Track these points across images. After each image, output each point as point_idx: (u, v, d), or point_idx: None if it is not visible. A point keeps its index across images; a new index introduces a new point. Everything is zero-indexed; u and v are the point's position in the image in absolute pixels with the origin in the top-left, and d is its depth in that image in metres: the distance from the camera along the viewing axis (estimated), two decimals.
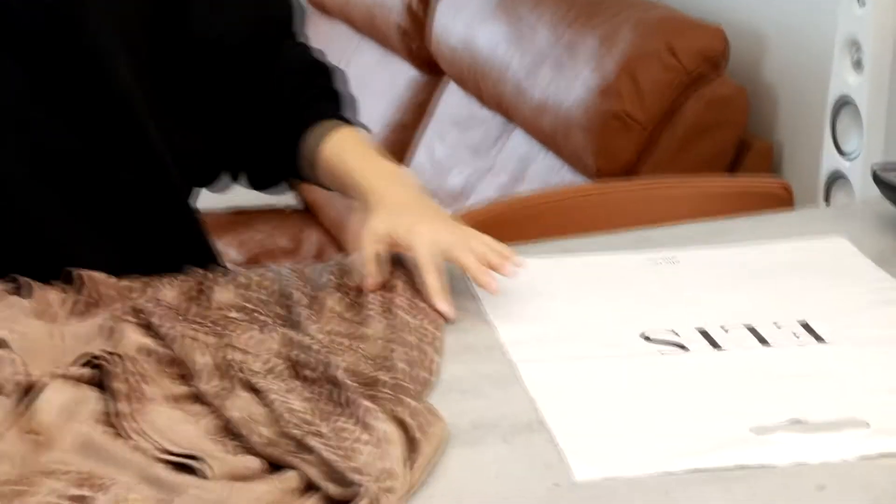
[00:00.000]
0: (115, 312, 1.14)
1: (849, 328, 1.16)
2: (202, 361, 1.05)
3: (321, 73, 1.39)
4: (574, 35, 2.35)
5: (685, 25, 2.26)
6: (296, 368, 1.05)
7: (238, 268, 1.27)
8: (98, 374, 1.01)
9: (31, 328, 1.10)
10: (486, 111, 2.68)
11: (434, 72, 2.96)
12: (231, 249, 2.87)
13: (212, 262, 1.35)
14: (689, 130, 2.21)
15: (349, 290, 1.21)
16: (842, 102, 1.98)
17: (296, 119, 1.34)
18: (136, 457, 0.92)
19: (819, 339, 1.14)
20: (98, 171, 1.27)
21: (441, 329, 1.15)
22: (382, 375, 1.02)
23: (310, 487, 0.89)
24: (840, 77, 1.98)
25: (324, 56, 1.42)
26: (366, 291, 1.19)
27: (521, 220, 1.67)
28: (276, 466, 0.91)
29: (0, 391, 0.99)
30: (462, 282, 1.23)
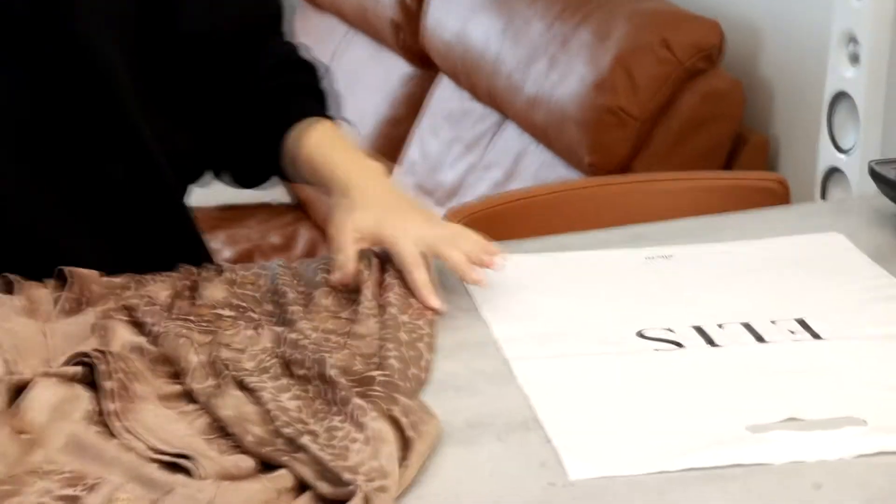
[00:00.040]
0: (106, 310, 1.14)
1: (845, 325, 1.16)
2: (194, 360, 1.04)
3: (306, 71, 1.39)
4: (568, 28, 2.34)
5: (680, 18, 2.26)
6: (288, 367, 1.05)
7: (229, 265, 1.27)
8: (90, 373, 1.00)
9: (21, 326, 1.10)
10: (480, 106, 2.67)
11: (427, 66, 2.95)
12: (222, 246, 2.86)
13: (205, 261, 1.34)
14: (685, 125, 2.20)
15: (341, 288, 1.20)
16: (838, 96, 1.97)
17: (279, 116, 1.33)
18: (127, 456, 0.92)
19: (815, 336, 1.14)
20: (90, 168, 1.27)
21: (434, 327, 1.15)
22: (375, 373, 1.01)
23: (302, 487, 0.89)
24: (836, 71, 1.97)
25: (310, 53, 1.41)
26: (352, 288, 1.18)
27: (515, 217, 1.67)
28: (269, 466, 0.91)
29: None
30: (455, 278, 1.22)
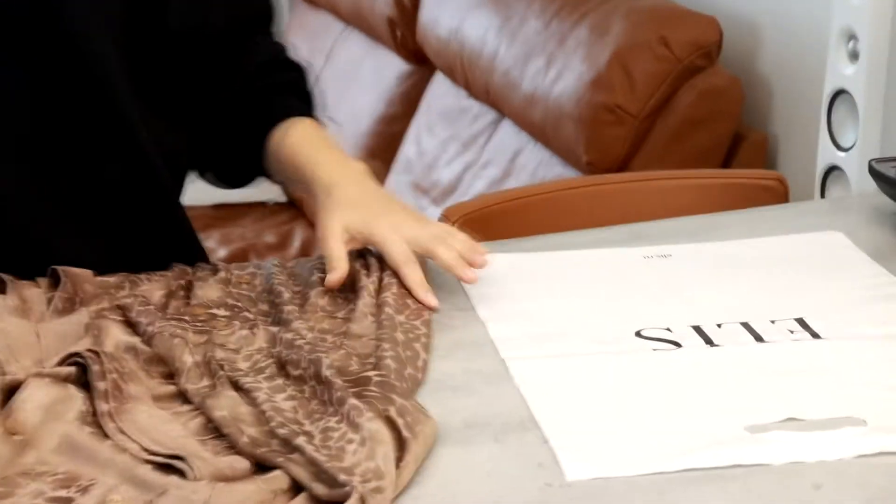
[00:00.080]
0: (100, 310, 1.13)
1: (845, 324, 1.15)
2: (188, 360, 1.04)
3: (292, 71, 1.39)
4: (564, 25, 2.34)
5: (678, 15, 2.25)
6: (283, 367, 1.04)
7: (224, 264, 1.26)
8: (84, 373, 1.00)
9: (14, 326, 1.09)
10: (476, 103, 2.67)
11: (422, 63, 2.95)
12: (216, 245, 2.85)
13: (199, 260, 1.33)
14: (683, 122, 2.19)
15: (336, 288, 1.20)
16: (838, 94, 1.97)
17: (263, 115, 1.33)
18: (121, 457, 0.91)
19: (815, 336, 1.13)
20: (86, 167, 1.26)
21: (430, 326, 1.14)
22: (371, 374, 1.01)
23: (297, 488, 0.88)
24: (836, 68, 1.96)
25: (295, 53, 1.41)
26: (347, 288, 1.18)
27: (512, 216, 1.66)
28: (263, 467, 0.90)
29: None
30: (450, 278, 1.21)
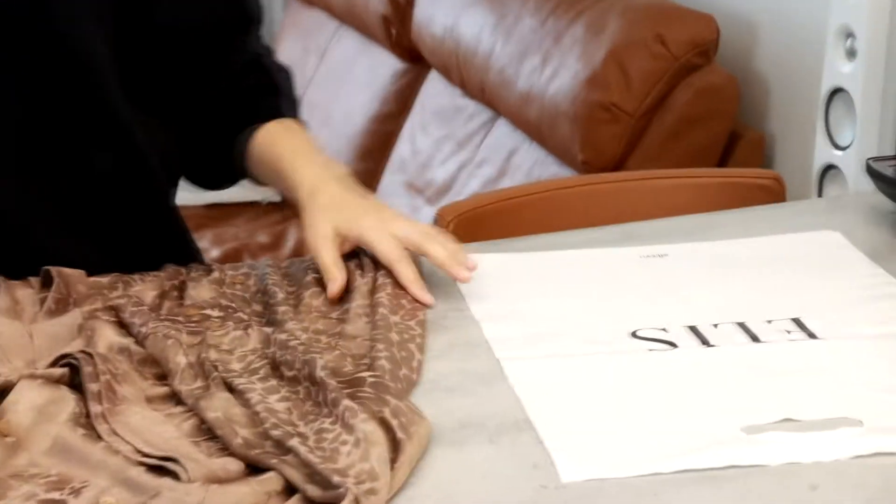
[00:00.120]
0: (93, 311, 1.13)
1: (842, 324, 1.15)
2: (181, 361, 1.03)
3: (273, 73, 1.38)
4: (560, 23, 2.33)
5: (674, 13, 2.25)
6: (277, 368, 1.03)
7: (217, 264, 1.26)
8: (76, 375, 0.99)
9: (5, 327, 1.09)
10: (471, 102, 2.66)
11: (417, 61, 2.94)
12: (209, 245, 2.84)
13: (192, 260, 1.33)
14: (679, 121, 2.19)
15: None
16: (835, 92, 1.96)
17: (244, 116, 1.33)
18: (112, 459, 0.91)
19: (811, 336, 1.13)
20: (78, 167, 1.26)
21: (424, 327, 1.14)
22: (365, 374, 1.00)
23: (291, 490, 0.88)
24: (833, 66, 1.96)
25: (275, 55, 1.41)
26: (333, 297, 1.17)
27: (507, 215, 1.66)
28: (257, 468, 0.90)
29: None
30: (445, 278, 1.21)
